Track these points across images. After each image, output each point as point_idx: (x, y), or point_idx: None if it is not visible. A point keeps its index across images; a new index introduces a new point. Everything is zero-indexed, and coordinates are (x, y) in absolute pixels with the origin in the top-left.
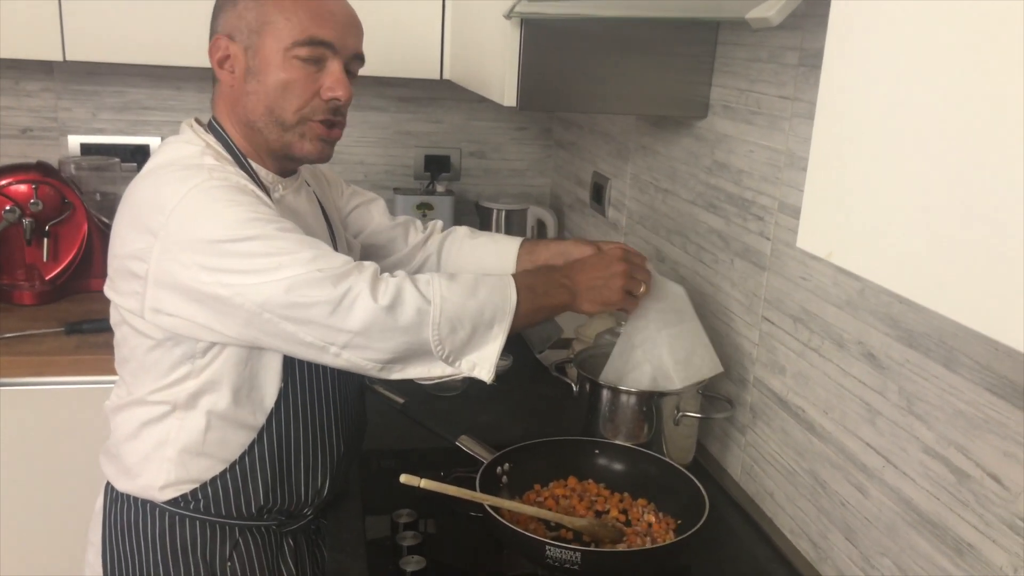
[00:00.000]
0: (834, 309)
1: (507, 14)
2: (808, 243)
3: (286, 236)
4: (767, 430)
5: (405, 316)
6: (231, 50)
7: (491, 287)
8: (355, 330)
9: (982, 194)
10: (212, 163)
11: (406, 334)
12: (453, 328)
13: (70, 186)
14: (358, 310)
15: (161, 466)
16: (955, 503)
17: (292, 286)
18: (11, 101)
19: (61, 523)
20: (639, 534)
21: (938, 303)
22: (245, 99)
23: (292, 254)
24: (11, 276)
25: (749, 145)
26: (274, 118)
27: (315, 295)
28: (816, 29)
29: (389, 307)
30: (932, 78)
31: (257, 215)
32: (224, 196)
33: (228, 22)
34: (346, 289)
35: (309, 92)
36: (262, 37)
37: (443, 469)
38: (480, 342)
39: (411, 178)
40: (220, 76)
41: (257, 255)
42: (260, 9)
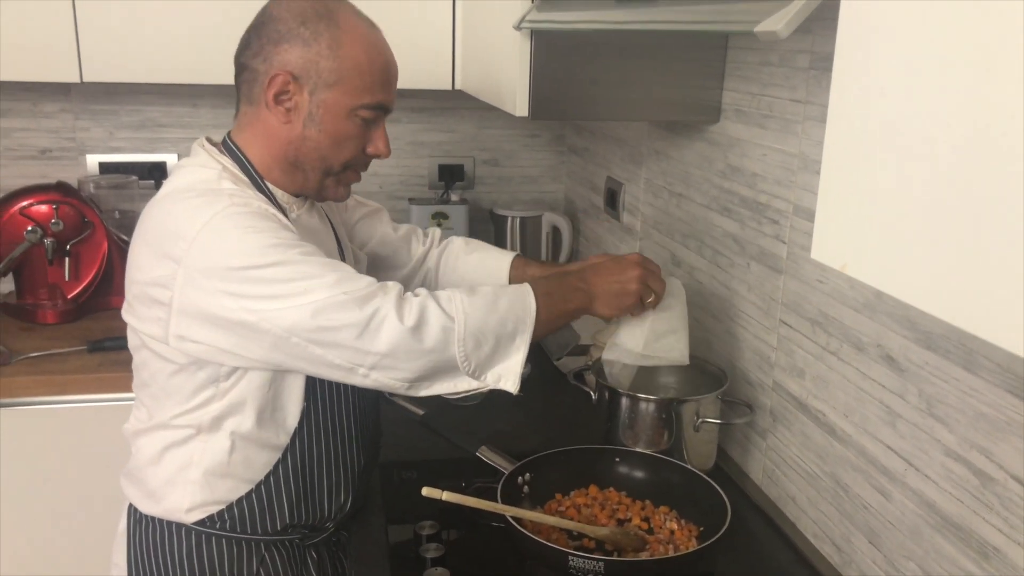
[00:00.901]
0: (852, 312)
1: (517, 25)
2: (822, 254)
3: (309, 260)
4: (787, 434)
5: (431, 335)
6: (293, 91)
7: (511, 298)
8: (383, 352)
9: (998, 203)
10: (231, 187)
11: (433, 353)
12: (478, 343)
13: (89, 205)
14: (385, 332)
15: (186, 489)
16: (979, 506)
17: (319, 310)
18: (30, 123)
19: (85, 542)
20: (662, 542)
21: (954, 316)
22: (299, 142)
23: (317, 278)
24: (34, 296)
25: (762, 149)
26: (324, 166)
27: (342, 318)
28: (827, 32)
29: (415, 327)
30: (944, 87)
31: (279, 240)
32: (245, 222)
33: (295, 62)
34: (373, 311)
35: (359, 147)
36: (333, 90)
37: (464, 480)
38: (504, 354)
39: (425, 188)
40: (270, 110)
41: (282, 280)
42: (337, 63)
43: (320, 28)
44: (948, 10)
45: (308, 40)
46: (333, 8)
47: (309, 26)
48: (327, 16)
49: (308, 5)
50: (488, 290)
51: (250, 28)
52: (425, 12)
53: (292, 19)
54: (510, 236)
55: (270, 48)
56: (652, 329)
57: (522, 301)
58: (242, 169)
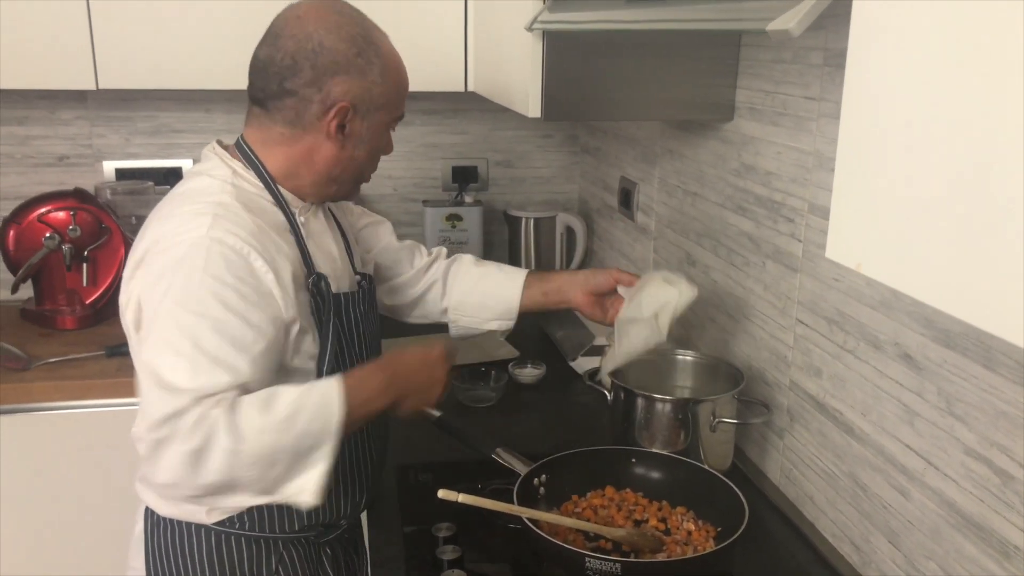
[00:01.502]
0: (868, 310)
1: (529, 26)
2: (837, 253)
3: (192, 344)
4: (805, 433)
5: (213, 464)
6: (354, 120)
7: (312, 412)
8: (162, 482)
9: (1013, 201)
10: (228, 202)
11: (215, 480)
12: (270, 464)
13: (106, 211)
14: (165, 459)
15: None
16: (1000, 505)
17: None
18: (47, 130)
19: (104, 546)
20: (679, 543)
21: (971, 314)
22: (347, 162)
23: (174, 359)
24: (53, 302)
25: (776, 147)
26: (362, 177)
27: (142, 425)
28: (840, 29)
29: (196, 451)
30: (958, 84)
31: (204, 301)
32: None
33: (353, 92)
34: (162, 437)
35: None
36: (378, 112)
37: (480, 481)
38: (301, 469)
39: (439, 190)
40: (331, 139)
41: (163, 343)
42: (385, 88)
43: (371, 56)
44: (961, 7)
45: (364, 70)
46: (369, 30)
47: (364, 56)
48: (370, 41)
49: (354, 31)
50: (289, 401)
51: (295, 54)
52: (437, 14)
53: (347, 48)
54: (524, 237)
55: (327, 79)
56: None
57: (325, 411)
58: (256, 172)
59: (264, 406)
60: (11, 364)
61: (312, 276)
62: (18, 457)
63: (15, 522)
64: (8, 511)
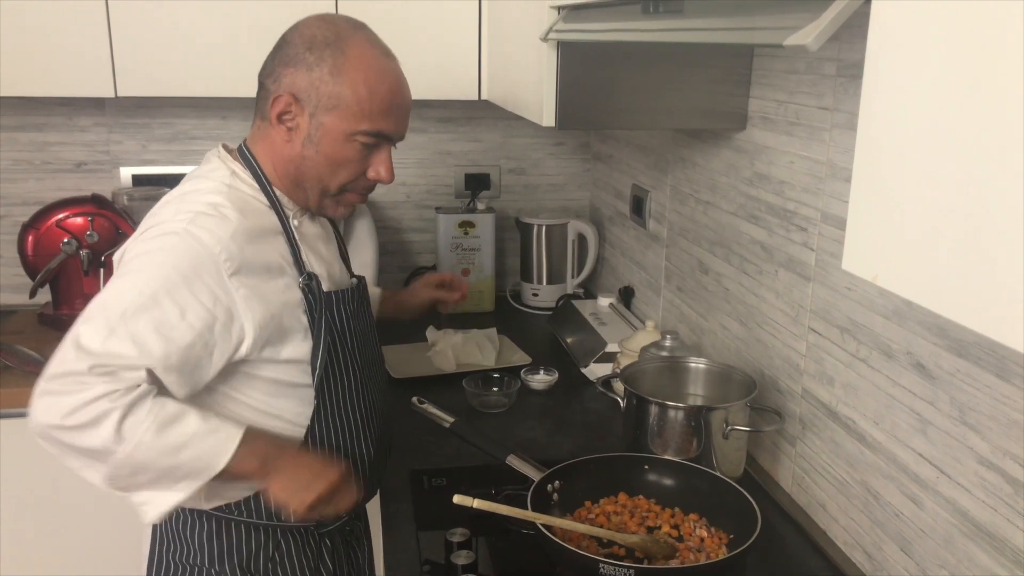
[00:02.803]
0: (881, 319)
1: (543, 36)
2: (853, 265)
3: (136, 310)
4: (817, 441)
5: (87, 440)
6: (295, 112)
7: (199, 453)
8: (41, 424)
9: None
10: (215, 201)
11: (83, 454)
12: (133, 473)
13: (123, 217)
14: (51, 408)
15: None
16: (1013, 514)
17: (71, 345)
18: (66, 137)
19: (119, 544)
20: (692, 549)
21: (988, 327)
22: (298, 161)
23: (103, 324)
24: (70, 307)
25: (790, 156)
26: (321, 185)
27: (59, 367)
28: (854, 40)
29: (77, 427)
30: (975, 97)
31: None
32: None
33: (297, 84)
34: (56, 388)
35: (358, 171)
36: (331, 114)
37: (494, 487)
38: (160, 486)
39: (452, 197)
40: (275, 128)
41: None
42: (337, 87)
43: (325, 54)
44: (979, 21)
45: (312, 65)
46: (345, 37)
47: (315, 52)
48: (335, 43)
49: (320, 32)
50: (187, 432)
51: (272, 49)
52: (451, 24)
53: (301, 44)
54: (536, 244)
55: (280, 69)
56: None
57: (211, 460)
58: (253, 174)
59: (160, 428)
60: (29, 368)
61: (304, 275)
62: (35, 460)
63: (30, 523)
64: (24, 512)
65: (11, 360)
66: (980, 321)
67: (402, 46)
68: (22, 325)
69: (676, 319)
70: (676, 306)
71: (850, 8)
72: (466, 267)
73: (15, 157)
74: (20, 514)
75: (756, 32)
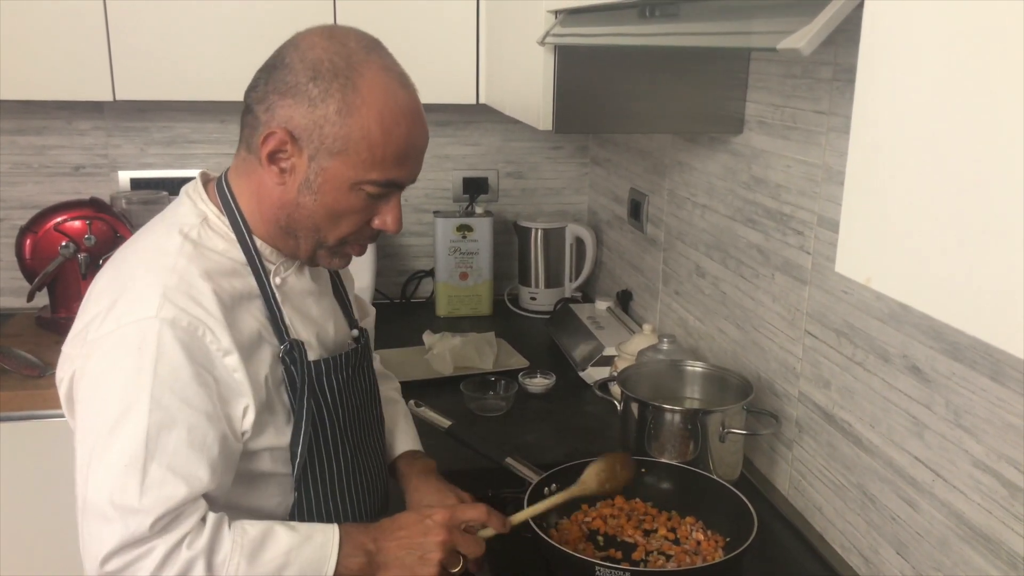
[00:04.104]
0: (877, 323)
1: (541, 40)
2: (847, 268)
3: (155, 442)
4: (814, 445)
5: None
6: (291, 153)
7: (304, 561)
8: None
9: (1021, 216)
10: (182, 269)
11: None
12: None
13: (121, 220)
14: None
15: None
16: (1008, 517)
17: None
18: (64, 140)
19: None
20: (688, 552)
21: (979, 328)
22: (292, 208)
23: (114, 480)
24: (67, 310)
25: (786, 160)
26: (317, 237)
27: (94, 550)
28: (850, 44)
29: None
30: (968, 100)
31: (153, 399)
32: (151, 348)
33: (296, 120)
34: (121, 566)
35: (362, 221)
36: (335, 159)
37: (491, 489)
38: None
39: (450, 200)
40: (264, 168)
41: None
42: (345, 129)
43: (332, 88)
44: (972, 24)
45: (315, 100)
46: (356, 63)
47: (320, 83)
48: (345, 74)
49: (327, 56)
50: (281, 552)
51: (263, 67)
52: (450, 28)
53: (304, 71)
54: (534, 248)
55: (275, 98)
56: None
57: (318, 564)
58: (230, 220)
59: (252, 555)
60: (27, 371)
61: (285, 344)
62: (33, 463)
63: (28, 527)
64: (22, 516)
65: (9, 364)
66: (973, 324)
67: (400, 50)
68: (20, 328)
69: (673, 323)
70: (673, 310)
71: (842, 12)
72: (464, 271)
73: (14, 160)
74: (19, 517)
75: (750, 36)
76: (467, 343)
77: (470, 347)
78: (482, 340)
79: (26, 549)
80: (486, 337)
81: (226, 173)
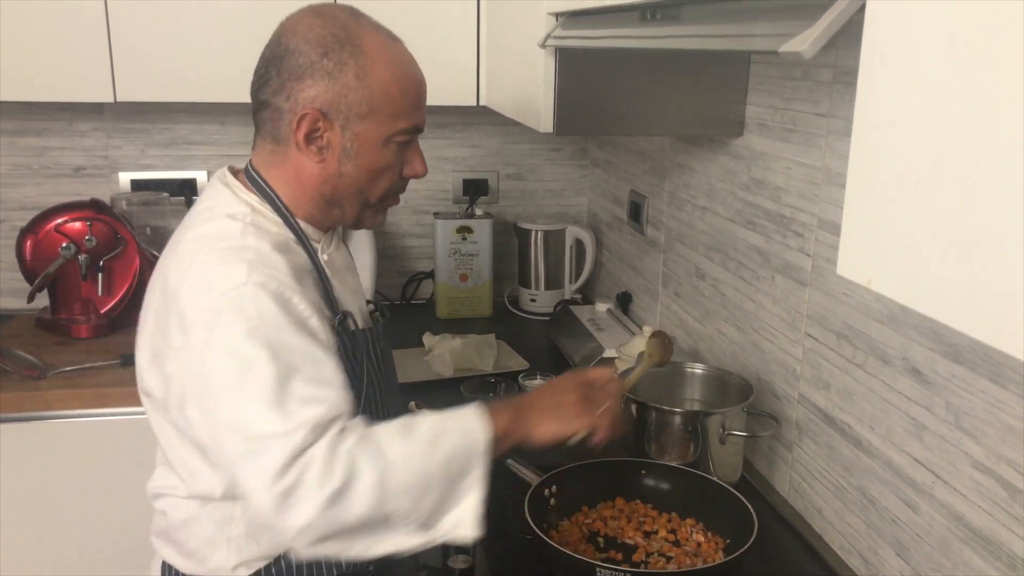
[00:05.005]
0: (877, 325)
1: (542, 43)
2: (848, 270)
3: (278, 380)
4: (814, 446)
5: (361, 498)
6: (324, 128)
7: (456, 434)
8: (300, 529)
9: (1021, 218)
10: (255, 246)
11: (365, 516)
12: (417, 498)
13: (122, 222)
14: (302, 505)
15: (230, 545)
16: (1008, 519)
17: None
18: (65, 141)
19: (118, 553)
20: (688, 554)
21: (981, 332)
22: (336, 180)
23: (260, 406)
24: (68, 311)
25: (786, 162)
26: (362, 199)
27: (257, 480)
28: (850, 47)
29: (340, 491)
30: (969, 102)
31: (270, 346)
32: (251, 310)
33: (322, 97)
34: (291, 483)
35: (397, 173)
36: (365, 122)
37: (491, 489)
38: (455, 499)
39: (450, 202)
40: (302, 151)
41: (236, 387)
42: (367, 92)
43: (344, 57)
44: (974, 26)
45: (333, 72)
46: (353, 30)
47: (332, 56)
48: (348, 41)
49: (326, 32)
50: (429, 426)
51: (266, 61)
52: (450, 29)
53: (312, 51)
54: (534, 250)
55: (292, 84)
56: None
57: (469, 434)
58: (272, 207)
59: (404, 431)
60: (27, 372)
61: (339, 315)
62: (33, 465)
63: (29, 529)
64: (22, 518)
65: (9, 364)
66: (974, 326)
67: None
68: (20, 329)
69: (673, 324)
70: (673, 311)
71: (845, 15)
72: (464, 272)
73: (14, 162)
74: (19, 518)
75: (752, 39)
76: (467, 345)
77: (470, 349)
78: (482, 342)
79: (26, 550)
80: (486, 339)
81: (252, 165)
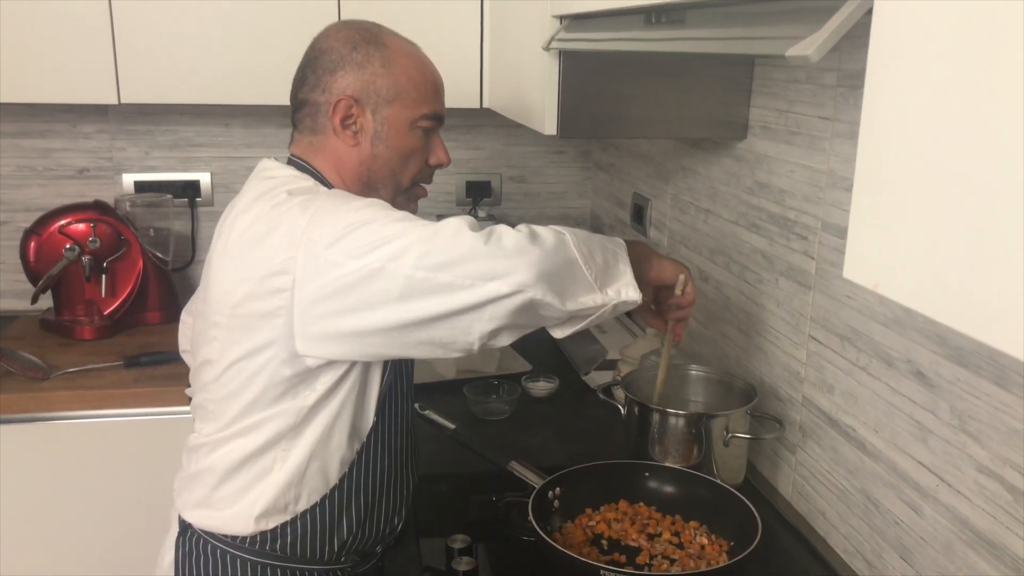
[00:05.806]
0: (881, 327)
1: (545, 46)
2: (854, 273)
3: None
4: (817, 449)
5: (547, 239)
6: (357, 113)
7: (598, 237)
8: (511, 248)
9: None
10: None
11: (556, 252)
12: (592, 252)
13: (125, 223)
14: (505, 235)
15: (262, 494)
16: (1012, 522)
17: (436, 233)
18: (69, 143)
19: (122, 554)
20: (692, 556)
21: (989, 336)
22: (370, 161)
23: (420, 222)
24: (71, 312)
25: (790, 165)
26: (395, 181)
27: (462, 236)
28: (854, 50)
29: (529, 235)
30: (978, 106)
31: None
32: (351, 198)
33: (354, 85)
34: (483, 229)
35: (423, 159)
36: (392, 105)
37: (494, 493)
38: (614, 273)
39: (453, 204)
40: (339, 135)
41: (398, 219)
42: (392, 79)
43: (370, 50)
44: (982, 30)
45: (361, 63)
46: (377, 33)
47: (360, 50)
48: (373, 39)
49: (353, 32)
50: (578, 231)
51: (303, 66)
52: (453, 32)
53: (342, 47)
54: None
55: (327, 78)
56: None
57: (605, 240)
58: (321, 184)
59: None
60: (30, 373)
61: None
62: (36, 465)
63: (32, 529)
64: (25, 518)
65: (13, 365)
66: (981, 329)
67: None
68: (24, 331)
69: None
70: None
71: (852, 19)
72: None
73: (18, 163)
74: (21, 519)
75: (758, 43)
76: None
77: None
78: None
79: (28, 551)
80: None
81: (294, 155)
